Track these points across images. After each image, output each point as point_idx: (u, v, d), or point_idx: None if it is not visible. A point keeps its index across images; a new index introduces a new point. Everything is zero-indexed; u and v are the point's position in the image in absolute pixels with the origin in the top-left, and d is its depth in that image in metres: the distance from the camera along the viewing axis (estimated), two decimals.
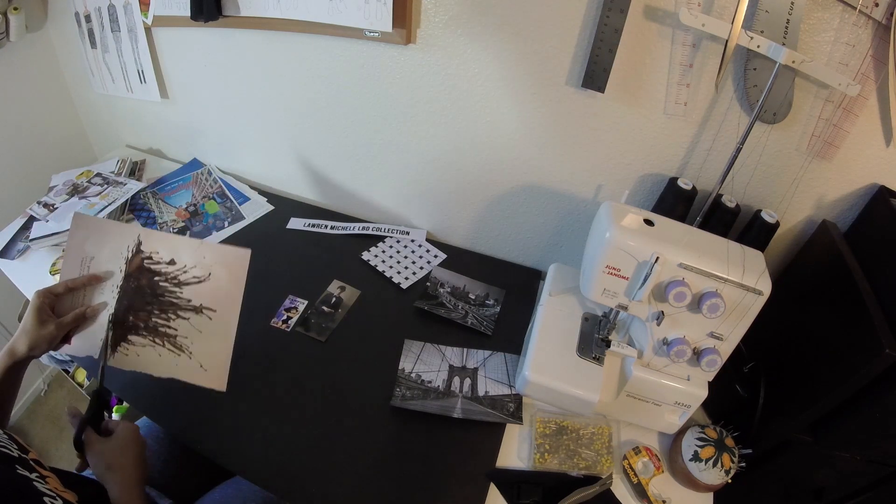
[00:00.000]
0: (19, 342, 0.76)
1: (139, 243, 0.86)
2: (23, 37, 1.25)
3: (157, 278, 0.86)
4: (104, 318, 0.84)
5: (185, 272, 0.86)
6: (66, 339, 0.83)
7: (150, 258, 0.86)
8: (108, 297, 0.85)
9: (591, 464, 0.86)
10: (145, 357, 0.83)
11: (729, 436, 0.84)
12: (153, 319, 0.85)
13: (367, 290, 1.12)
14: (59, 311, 0.83)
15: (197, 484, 0.92)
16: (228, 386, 0.92)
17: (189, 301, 0.85)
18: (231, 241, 1.23)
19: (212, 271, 0.86)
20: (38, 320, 0.78)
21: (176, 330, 0.84)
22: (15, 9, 1.19)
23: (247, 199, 1.34)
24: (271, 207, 1.32)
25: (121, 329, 0.84)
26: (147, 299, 0.85)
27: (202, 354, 0.84)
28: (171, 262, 0.86)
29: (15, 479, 0.54)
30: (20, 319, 1.37)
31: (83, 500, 0.63)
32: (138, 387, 0.91)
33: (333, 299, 1.09)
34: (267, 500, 0.87)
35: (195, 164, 1.44)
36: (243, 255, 0.85)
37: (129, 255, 0.86)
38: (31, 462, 0.59)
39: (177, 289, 0.85)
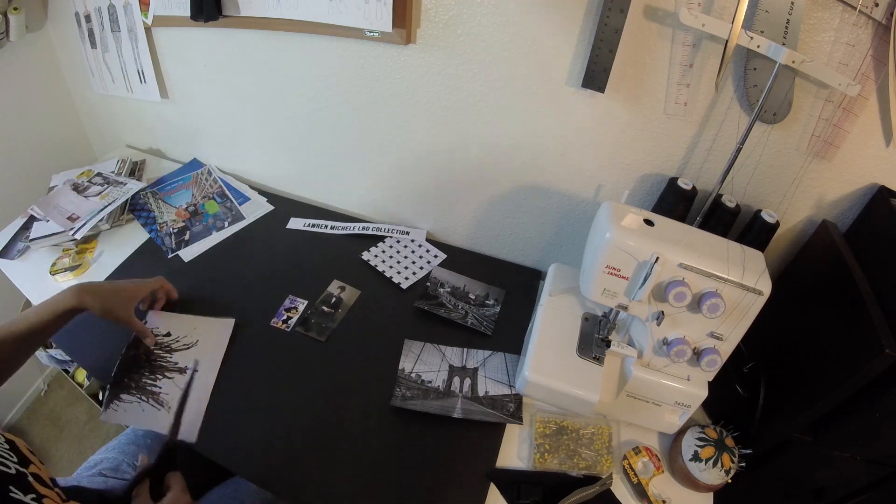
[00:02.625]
0: (97, 292, 0.85)
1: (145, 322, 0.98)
2: (23, 37, 1.25)
3: (153, 347, 0.95)
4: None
5: (177, 341, 0.96)
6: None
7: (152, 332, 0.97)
8: None
9: (591, 464, 0.86)
10: (130, 412, 0.87)
11: (729, 436, 0.84)
12: (143, 380, 0.91)
13: (367, 290, 1.12)
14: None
15: (196, 484, 0.92)
16: (229, 386, 0.92)
17: (176, 363, 0.93)
18: (231, 240, 1.23)
19: (199, 338, 0.97)
20: (130, 296, 0.91)
21: (160, 388, 0.90)
22: (15, 9, 1.19)
23: (247, 199, 1.34)
24: (271, 207, 1.32)
25: (116, 388, 0.89)
26: (141, 364, 0.93)
27: (180, 409, 0.89)
28: (167, 335, 0.97)
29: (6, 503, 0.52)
30: None
31: None
32: None
33: (333, 299, 1.09)
34: (266, 500, 0.87)
35: (195, 164, 1.44)
36: (228, 323, 0.99)
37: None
38: (29, 478, 0.56)
39: (167, 354, 0.94)
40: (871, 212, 0.85)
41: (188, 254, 1.18)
